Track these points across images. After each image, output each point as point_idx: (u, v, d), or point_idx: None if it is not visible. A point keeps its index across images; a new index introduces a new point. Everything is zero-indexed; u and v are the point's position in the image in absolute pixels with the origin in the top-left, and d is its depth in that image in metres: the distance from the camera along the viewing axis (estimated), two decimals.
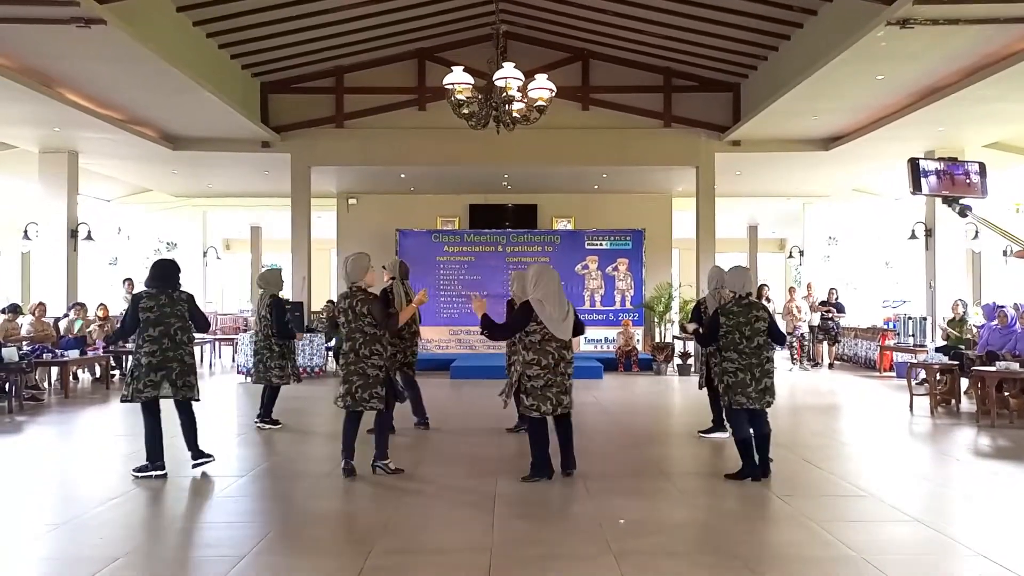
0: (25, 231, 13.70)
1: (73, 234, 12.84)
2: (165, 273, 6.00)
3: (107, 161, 14.03)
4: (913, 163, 4.01)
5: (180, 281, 6.07)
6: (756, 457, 5.82)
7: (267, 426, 7.97)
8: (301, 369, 12.39)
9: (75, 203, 13.05)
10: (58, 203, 12.78)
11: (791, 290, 15.32)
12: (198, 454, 6.00)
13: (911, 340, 12.55)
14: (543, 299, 5.64)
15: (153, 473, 5.79)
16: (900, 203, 16.85)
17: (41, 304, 11.47)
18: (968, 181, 4.04)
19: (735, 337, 5.81)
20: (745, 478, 5.77)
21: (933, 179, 3.98)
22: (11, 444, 7.59)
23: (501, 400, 6.04)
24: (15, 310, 11.04)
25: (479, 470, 6.18)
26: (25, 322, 11.18)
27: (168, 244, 19.89)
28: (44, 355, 10.10)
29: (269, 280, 8.29)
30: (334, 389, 8.94)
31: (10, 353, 9.12)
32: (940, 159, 4.20)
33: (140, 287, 6.23)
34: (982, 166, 4.23)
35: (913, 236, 13.42)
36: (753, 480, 5.74)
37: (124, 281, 14.22)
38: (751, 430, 5.82)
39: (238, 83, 12.15)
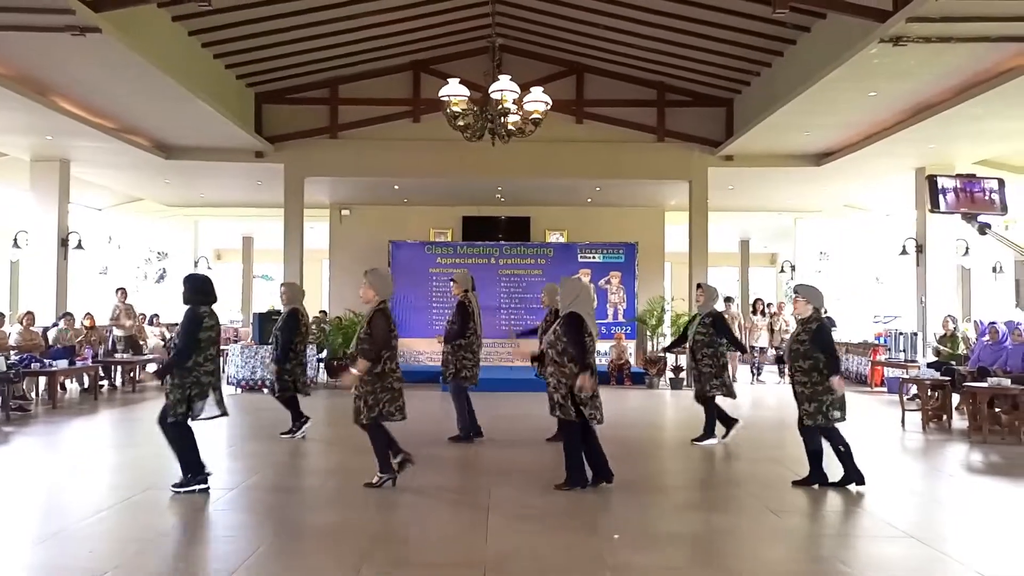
0: (15, 239, 13.60)
1: (63, 243, 12.76)
2: (211, 289, 5.93)
3: (99, 170, 13.96)
4: (931, 180, 4.00)
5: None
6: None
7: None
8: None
9: (66, 212, 12.98)
10: (49, 212, 12.71)
11: (780, 305, 15.36)
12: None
13: (902, 355, 12.58)
14: (588, 313, 5.79)
15: (198, 487, 5.68)
16: (891, 219, 16.96)
17: (29, 313, 11.37)
18: (987, 198, 4.04)
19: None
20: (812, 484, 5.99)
21: (951, 196, 3.97)
22: None
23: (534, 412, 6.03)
24: None
25: (473, 482, 6.14)
26: (13, 331, 11.08)
27: (159, 254, 19.80)
28: (32, 365, 10.00)
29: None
30: (325, 401, 8.90)
31: None
32: (958, 176, 4.20)
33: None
34: (1001, 182, 4.22)
35: (904, 252, 13.49)
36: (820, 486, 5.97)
37: (117, 290, 14.05)
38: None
39: (233, 93, 12.14)
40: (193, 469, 5.70)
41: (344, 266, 16.16)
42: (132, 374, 12.72)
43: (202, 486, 5.67)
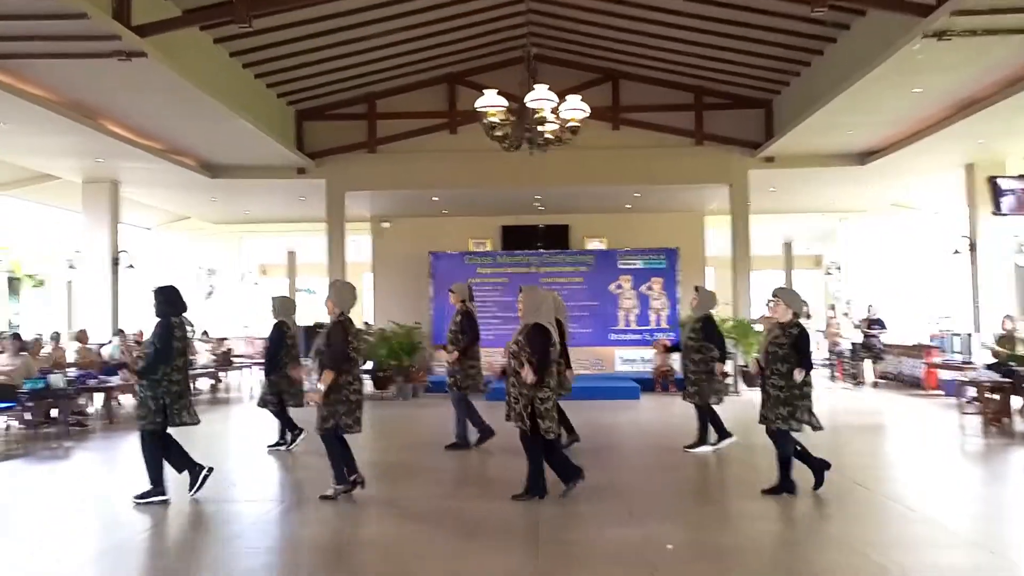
0: (69, 260, 14.03)
1: (115, 262, 13.11)
2: (180, 299, 6.07)
3: (148, 190, 14.34)
4: (992, 182, 3.89)
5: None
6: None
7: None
8: None
9: (116, 232, 13.34)
10: (100, 232, 13.08)
11: (831, 307, 15.06)
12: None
13: (958, 357, 12.23)
14: (551, 323, 5.74)
15: (159, 499, 5.81)
16: (941, 217, 16.52)
17: (83, 331, 11.70)
18: None
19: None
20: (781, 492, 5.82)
21: (1012, 198, 3.85)
22: (59, 469, 7.70)
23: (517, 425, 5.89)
24: (57, 338, 11.28)
25: (516, 492, 6.09)
26: (71, 349, 11.41)
27: (207, 270, 20.22)
28: (89, 381, 10.28)
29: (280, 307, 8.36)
30: (370, 412, 8.93)
31: (56, 379, 9.30)
32: (1021, 176, 4.07)
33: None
34: None
35: (956, 251, 13.12)
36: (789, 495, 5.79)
37: None
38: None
39: (274, 111, 12.37)
40: (156, 482, 5.82)
41: (386, 278, 16.31)
42: None
43: (162, 498, 5.78)
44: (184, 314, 6.05)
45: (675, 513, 5.54)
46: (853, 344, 14.03)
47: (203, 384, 14.29)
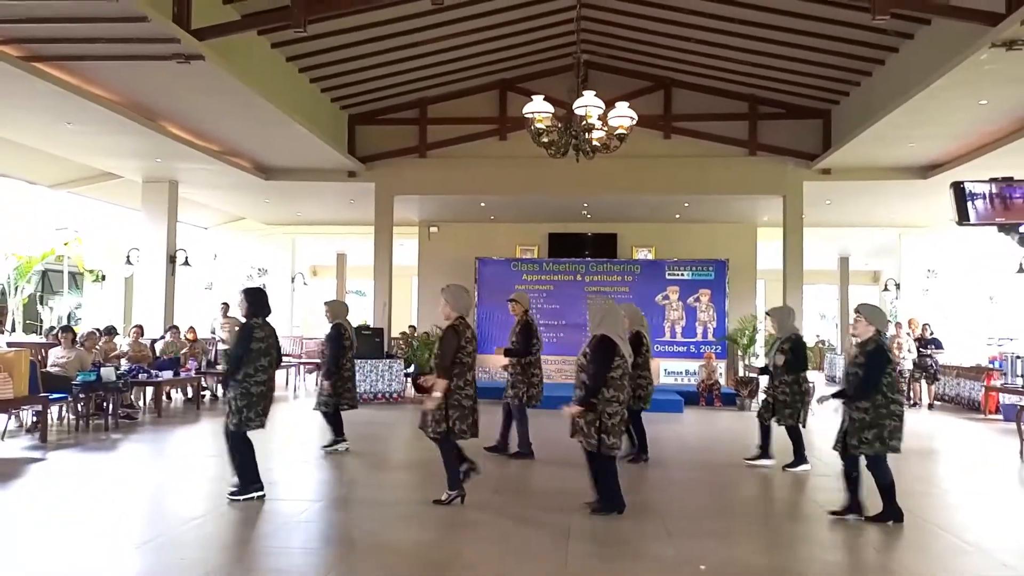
0: (128, 256, 14.45)
1: (172, 259, 13.46)
2: (266, 301, 6.17)
3: (204, 190, 14.70)
4: (957, 188, 3.66)
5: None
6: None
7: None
8: (379, 395, 12.58)
9: (174, 230, 13.70)
10: (159, 230, 13.44)
11: (898, 325, 14.56)
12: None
13: (1020, 381, 11.69)
14: (619, 335, 5.59)
15: (256, 495, 5.91)
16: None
17: (138, 326, 12.03)
18: None
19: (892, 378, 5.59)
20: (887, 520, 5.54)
21: (983, 205, 3.62)
22: (106, 460, 7.91)
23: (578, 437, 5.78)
24: (111, 332, 11.61)
25: (554, 504, 6.03)
26: (124, 343, 11.73)
27: (260, 270, 20.64)
28: (140, 375, 10.55)
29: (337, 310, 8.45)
30: (413, 415, 8.97)
31: (108, 372, 9.57)
32: (992, 180, 3.82)
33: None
34: None
35: (1021, 269, 12.59)
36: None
37: (221, 304, 14.73)
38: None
39: (328, 116, 12.57)
40: (249, 478, 5.91)
41: (432, 282, 16.34)
42: None
43: (259, 494, 5.88)
44: (267, 317, 6.11)
45: (714, 533, 5.39)
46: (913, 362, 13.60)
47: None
